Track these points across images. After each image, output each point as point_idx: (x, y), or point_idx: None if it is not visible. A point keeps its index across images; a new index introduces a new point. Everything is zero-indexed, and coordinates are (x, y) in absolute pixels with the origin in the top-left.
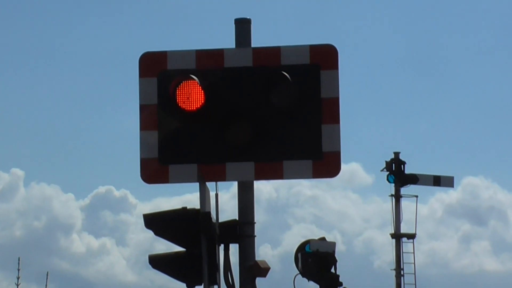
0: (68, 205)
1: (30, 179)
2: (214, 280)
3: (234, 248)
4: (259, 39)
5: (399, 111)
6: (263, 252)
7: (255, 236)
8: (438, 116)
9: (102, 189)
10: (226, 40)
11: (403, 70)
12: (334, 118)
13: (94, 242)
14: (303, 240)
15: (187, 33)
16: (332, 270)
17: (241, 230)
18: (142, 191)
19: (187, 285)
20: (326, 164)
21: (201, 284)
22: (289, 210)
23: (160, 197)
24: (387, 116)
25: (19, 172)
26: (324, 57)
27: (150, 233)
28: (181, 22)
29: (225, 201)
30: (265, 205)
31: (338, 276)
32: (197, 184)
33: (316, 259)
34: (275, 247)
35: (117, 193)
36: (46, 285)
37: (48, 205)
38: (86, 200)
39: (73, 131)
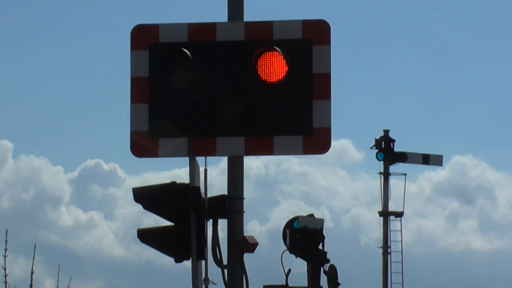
0: (56, 178)
1: (19, 151)
2: (202, 254)
3: (222, 223)
4: (251, 13)
5: (390, 89)
6: (251, 227)
7: (244, 211)
8: (428, 95)
9: (91, 162)
10: (218, 13)
11: (395, 47)
12: (325, 94)
13: (82, 216)
14: (291, 216)
15: (180, 6)
16: (320, 246)
17: (230, 205)
18: (131, 165)
19: (175, 260)
20: (316, 140)
21: (189, 259)
22: (278, 186)
23: (149, 171)
24: (378, 93)
25: (8, 144)
26: (316, 33)
27: (138, 207)
28: None
29: (214, 176)
30: (254, 181)
31: (325, 252)
32: (187, 158)
33: (304, 236)
34: (264, 223)
35: (106, 167)
36: (34, 258)
37: (36, 177)
38: (75, 173)
39: (63, 103)
